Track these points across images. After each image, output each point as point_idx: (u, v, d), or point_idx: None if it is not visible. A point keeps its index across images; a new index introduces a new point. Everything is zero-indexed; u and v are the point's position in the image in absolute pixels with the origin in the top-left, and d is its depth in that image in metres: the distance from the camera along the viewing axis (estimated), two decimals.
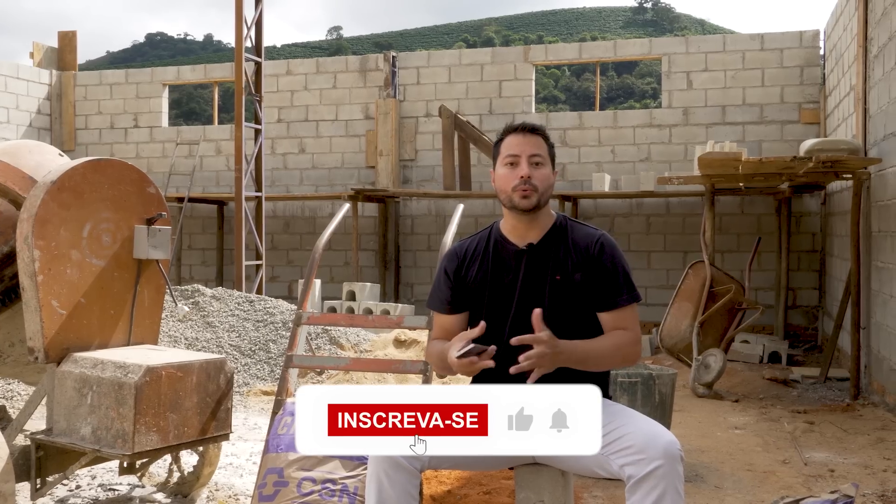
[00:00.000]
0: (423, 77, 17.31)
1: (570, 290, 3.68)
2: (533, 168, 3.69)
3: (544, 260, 3.74)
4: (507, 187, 3.71)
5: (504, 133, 3.81)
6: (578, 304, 3.68)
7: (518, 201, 3.68)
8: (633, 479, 3.29)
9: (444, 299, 3.86)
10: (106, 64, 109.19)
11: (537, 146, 3.74)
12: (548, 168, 3.75)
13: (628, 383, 6.32)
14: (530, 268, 3.73)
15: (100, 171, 5.08)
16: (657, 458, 3.26)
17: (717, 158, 10.44)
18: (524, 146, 3.72)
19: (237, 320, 10.67)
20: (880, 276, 9.49)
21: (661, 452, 3.27)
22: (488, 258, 3.81)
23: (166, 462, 5.96)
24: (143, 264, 5.30)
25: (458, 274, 3.84)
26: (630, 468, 3.30)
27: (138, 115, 19.16)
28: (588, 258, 3.71)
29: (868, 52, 10.40)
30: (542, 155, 3.73)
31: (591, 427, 3.08)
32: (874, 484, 6.29)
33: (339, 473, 4.30)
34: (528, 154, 3.70)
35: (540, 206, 3.72)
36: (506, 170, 3.73)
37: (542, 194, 3.70)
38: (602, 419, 3.49)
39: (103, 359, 4.76)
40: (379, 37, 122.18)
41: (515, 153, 3.71)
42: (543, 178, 3.71)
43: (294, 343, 5.19)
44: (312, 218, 17.80)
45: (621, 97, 68.57)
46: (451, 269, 3.87)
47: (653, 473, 3.25)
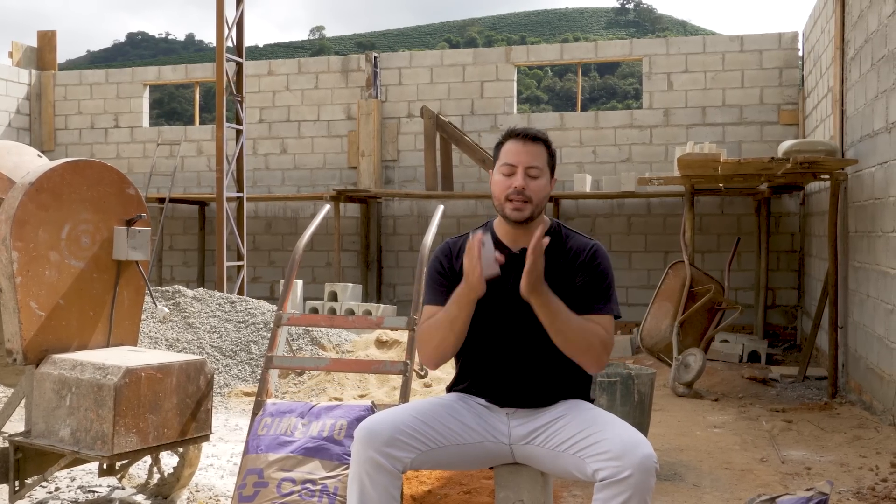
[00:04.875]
0: (406, 77, 17.33)
1: (560, 297, 3.67)
2: (529, 180, 3.64)
3: None
4: (500, 195, 3.68)
5: (505, 136, 3.75)
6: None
7: (509, 213, 3.66)
8: (604, 481, 3.30)
9: (442, 292, 3.75)
10: (86, 63, 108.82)
11: (536, 156, 3.67)
12: (544, 178, 3.69)
13: (607, 383, 6.33)
14: (521, 273, 3.70)
15: (79, 172, 5.07)
16: (631, 467, 3.25)
17: (697, 159, 10.48)
18: (522, 156, 3.66)
19: (218, 321, 10.66)
20: (857, 276, 9.55)
21: (636, 462, 3.26)
22: None
23: (146, 463, 5.95)
24: (123, 265, 5.29)
25: (452, 268, 3.79)
26: (603, 472, 3.31)
27: (119, 115, 19.11)
28: (580, 266, 3.70)
29: (845, 54, 10.45)
30: (539, 167, 3.66)
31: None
32: (850, 481, 6.33)
33: (319, 474, 4.31)
34: (526, 165, 3.64)
35: (533, 217, 3.69)
36: (501, 177, 3.68)
37: (535, 206, 3.67)
38: (582, 422, 3.52)
39: (82, 360, 4.75)
40: (361, 37, 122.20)
41: (512, 163, 3.66)
42: (539, 189, 3.66)
43: (274, 344, 5.19)
44: (294, 218, 17.79)
45: (603, 98, 68.74)
46: (445, 262, 3.82)
47: (624, 481, 3.25)
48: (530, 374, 3.66)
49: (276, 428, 4.51)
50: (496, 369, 3.72)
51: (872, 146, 8.92)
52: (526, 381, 3.68)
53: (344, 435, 4.38)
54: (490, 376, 3.73)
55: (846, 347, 10.04)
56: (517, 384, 3.69)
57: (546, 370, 3.65)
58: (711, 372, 10.80)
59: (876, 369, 8.61)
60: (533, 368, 3.65)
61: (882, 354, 8.40)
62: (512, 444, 3.68)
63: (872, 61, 8.95)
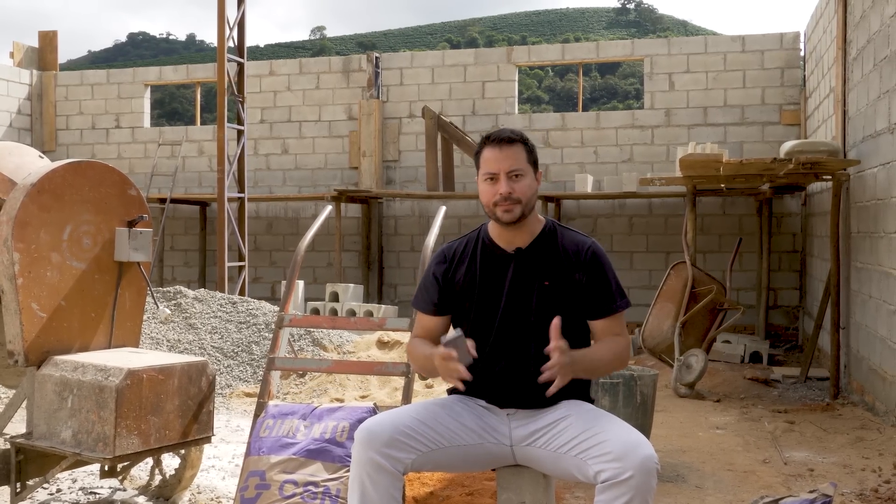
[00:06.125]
0: (407, 78, 17.32)
1: (557, 296, 3.69)
2: (513, 182, 3.65)
3: (532, 265, 3.73)
4: (489, 202, 3.70)
5: (481, 144, 3.76)
6: (565, 311, 3.67)
7: (501, 215, 3.67)
8: (605, 482, 3.30)
9: (431, 301, 3.86)
10: (87, 63, 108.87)
11: (515, 158, 3.68)
12: (529, 177, 3.70)
13: (610, 384, 6.32)
14: (518, 273, 3.73)
15: (80, 173, 5.06)
16: (632, 469, 3.26)
17: (699, 160, 10.46)
18: (501, 162, 3.66)
19: (220, 322, 10.65)
20: (859, 277, 9.54)
21: (637, 463, 3.27)
22: (476, 261, 3.80)
23: (148, 465, 5.94)
24: (125, 266, 5.29)
25: (445, 276, 3.83)
26: (604, 473, 3.32)
27: (120, 115, 19.11)
28: (578, 265, 3.71)
29: (847, 54, 10.44)
30: (520, 168, 3.67)
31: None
32: (853, 483, 6.32)
33: (321, 476, 4.30)
34: (507, 170, 3.65)
35: (524, 216, 3.70)
36: (486, 185, 3.70)
37: (525, 205, 3.68)
38: (583, 423, 3.53)
39: (84, 362, 4.75)
40: (362, 37, 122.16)
41: (493, 171, 3.67)
42: (525, 189, 3.67)
43: (276, 345, 5.18)
44: (295, 219, 17.78)
45: (604, 98, 68.74)
46: (439, 271, 3.85)
47: (625, 482, 3.26)
48: (529, 375, 3.65)
49: (278, 430, 4.50)
50: (495, 371, 3.72)
51: (875, 146, 8.91)
52: (525, 381, 3.68)
53: (346, 437, 4.37)
54: (489, 378, 3.73)
55: (848, 348, 10.03)
56: (516, 385, 3.70)
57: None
58: (713, 373, 10.78)
59: (878, 370, 8.60)
60: (531, 369, 3.65)
61: (885, 355, 8.38)
62: (513, 446, 3.68)
63: (875, 61, 8.94)
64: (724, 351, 12.34)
